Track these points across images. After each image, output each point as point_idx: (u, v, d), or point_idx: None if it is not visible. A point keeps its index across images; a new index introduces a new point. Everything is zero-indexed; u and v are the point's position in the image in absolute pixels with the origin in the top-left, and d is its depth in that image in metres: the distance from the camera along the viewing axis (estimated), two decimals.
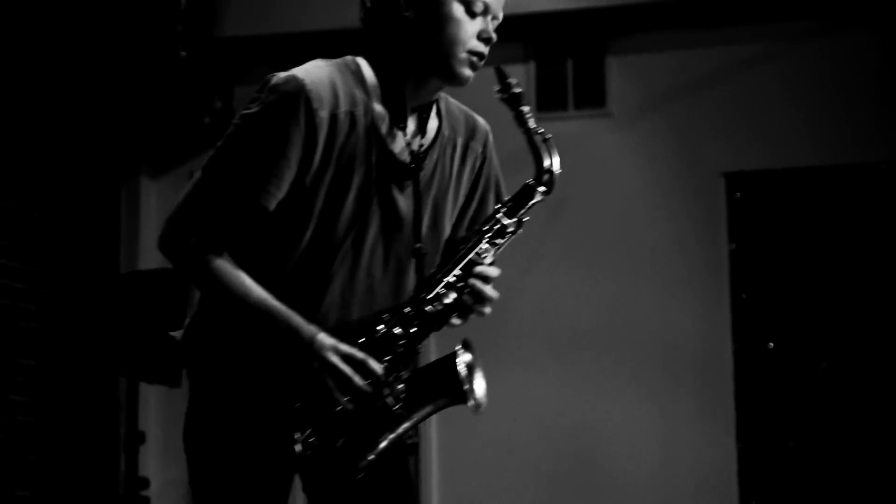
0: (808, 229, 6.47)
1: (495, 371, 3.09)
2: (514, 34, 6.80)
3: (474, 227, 2.85)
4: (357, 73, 2.78)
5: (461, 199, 2.94)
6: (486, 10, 2.75)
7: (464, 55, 2.74)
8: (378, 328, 2.72)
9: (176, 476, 6.88)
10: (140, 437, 6.04)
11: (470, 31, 2.74)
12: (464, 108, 2.98)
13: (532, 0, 6.58)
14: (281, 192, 2.68)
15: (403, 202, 2.81)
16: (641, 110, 6.62)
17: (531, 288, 6.58)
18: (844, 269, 6.39)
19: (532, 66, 6.79)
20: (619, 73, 6.76)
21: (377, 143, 2.76)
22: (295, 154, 2.68)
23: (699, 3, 6.52)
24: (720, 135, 6.56)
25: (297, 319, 2.67)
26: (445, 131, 2.89)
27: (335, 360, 2.63)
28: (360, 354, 2.65)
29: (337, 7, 6.83)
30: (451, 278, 2.74)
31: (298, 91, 2.67)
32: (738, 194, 6.56)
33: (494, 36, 2.77)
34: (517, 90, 2.77)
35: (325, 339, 2.65)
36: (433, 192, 2.86)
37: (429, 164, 2.84)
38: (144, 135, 6.96)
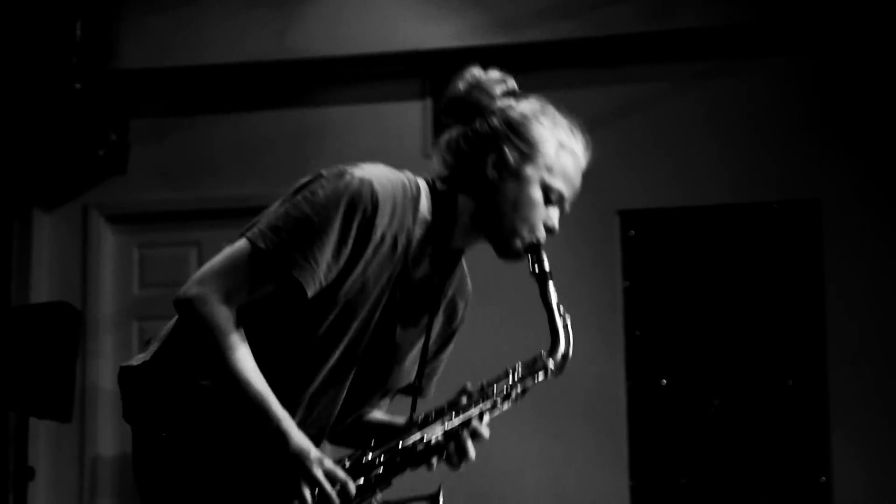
0: (702, 267, 6.53)
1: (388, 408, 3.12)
2: (410, 71, 6.83)
3: (483, 385, 2.89)
4: (415, 199, 2.78)
5: (430, 348, 2.98)
6: (560, 200, 2.84)
7: (526, 236, 2.80)
8: (364, 454, 2.75)
9: None
10: (29, 473, 5.95)
11: (541, 217, 2.81)
12: (462, 264, 2.99)
13: (429, 37, 6.61)
14: (317, 288, 2.65)
15: (401, 333, 2.85)
16: None
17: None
18: (737, 308, 6.47)
19: (429, 102, 6.80)
20: None
21: (404, 274, 2.77)
22: (344, 257, 2.67)
23: (594, 43, 6.58)
24: (615, 173, 6.60)
25: (290, 424, 2.65)
26: (453, 280, 2.94)
27: (319, 474, 2.64)
28: (341, 474, 2.67)
29: (234, 41, 6.83)
30: (448, 426, 2.80)
31: (372, 201, 2.67)
32: (633, 232, 6.62)
33: (557, 228, 2.84)
34: (547, 268, 2.83)
35: (313, 450, 2.65)
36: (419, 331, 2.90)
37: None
38: (38, 167, 6.88)
